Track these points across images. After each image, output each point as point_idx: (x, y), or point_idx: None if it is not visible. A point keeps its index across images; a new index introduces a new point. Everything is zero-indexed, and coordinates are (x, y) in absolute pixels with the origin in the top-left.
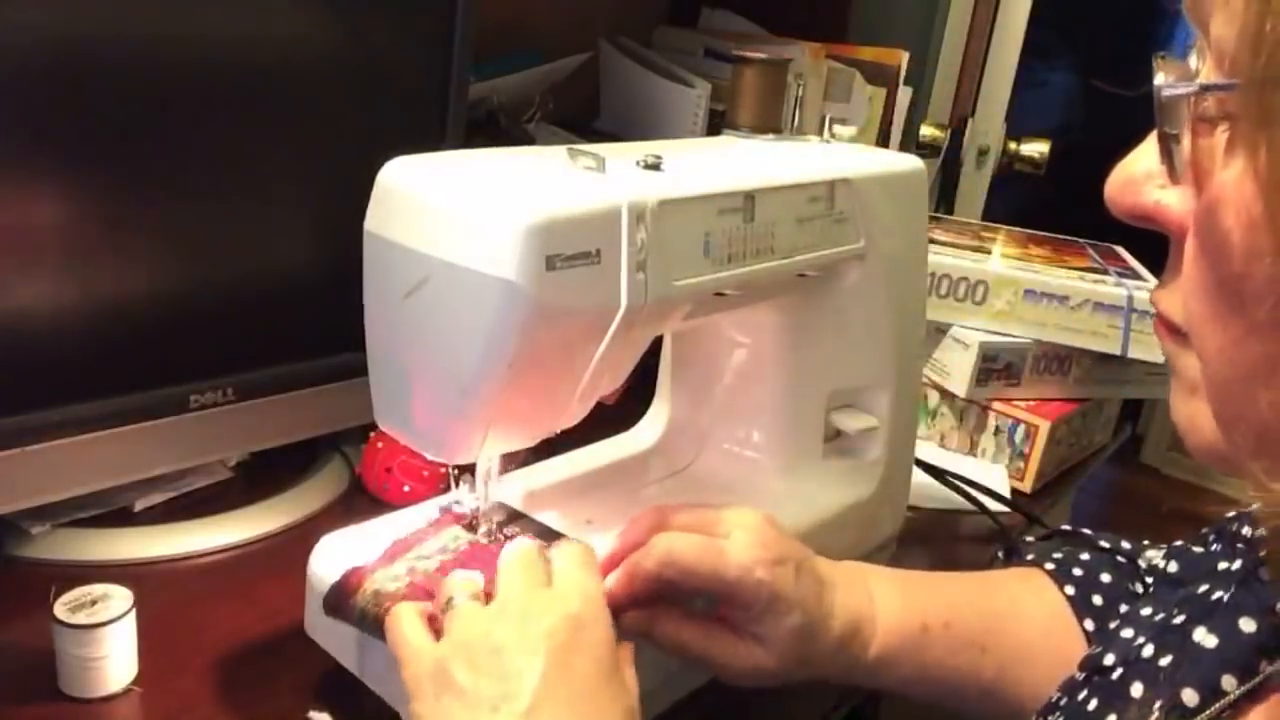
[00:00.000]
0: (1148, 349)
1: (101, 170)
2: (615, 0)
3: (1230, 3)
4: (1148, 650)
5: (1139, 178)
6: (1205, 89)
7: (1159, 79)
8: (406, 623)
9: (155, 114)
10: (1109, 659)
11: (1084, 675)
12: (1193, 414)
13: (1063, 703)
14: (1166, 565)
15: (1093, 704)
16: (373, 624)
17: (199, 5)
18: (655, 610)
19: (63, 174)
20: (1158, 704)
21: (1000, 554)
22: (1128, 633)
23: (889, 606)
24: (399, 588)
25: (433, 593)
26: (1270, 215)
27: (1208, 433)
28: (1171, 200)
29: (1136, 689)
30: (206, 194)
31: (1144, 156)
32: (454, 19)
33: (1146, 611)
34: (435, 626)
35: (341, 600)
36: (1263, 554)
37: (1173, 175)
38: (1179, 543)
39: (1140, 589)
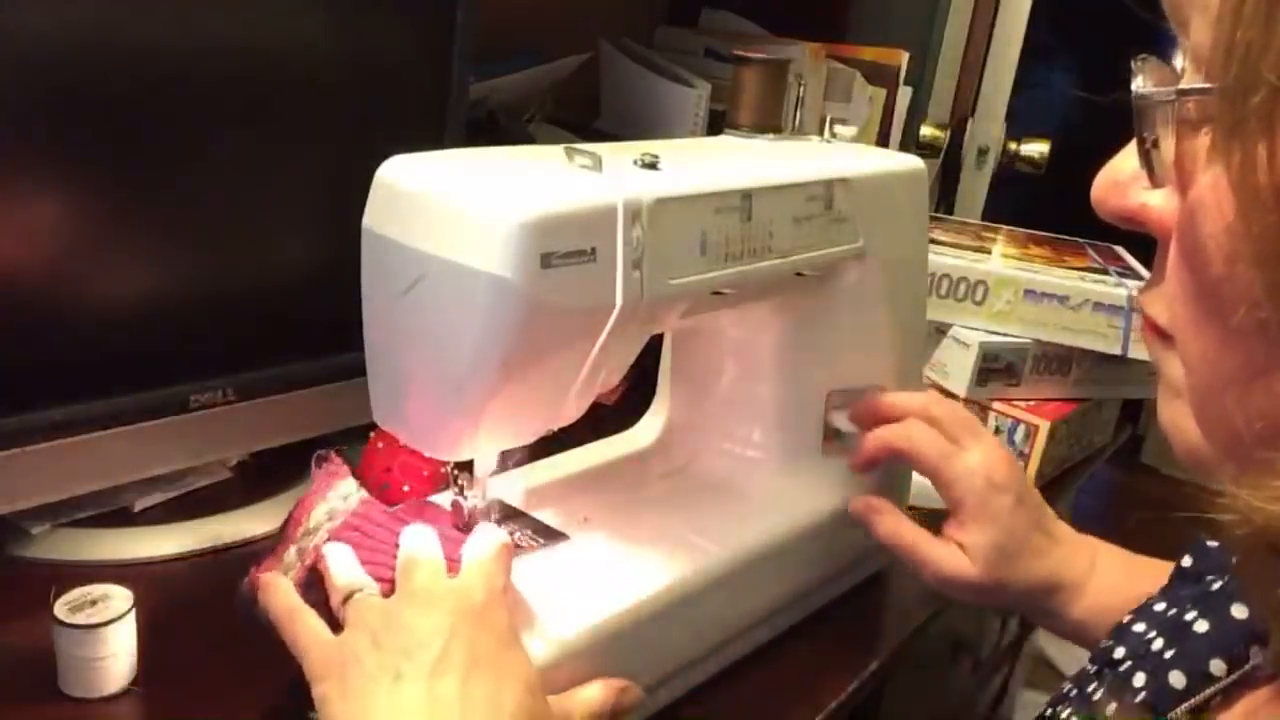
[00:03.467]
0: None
1: (101, 170)
2: (615, 0)
3: (1208, 7)
4: (1157, 644)
5: (1124, 179)
6: (1183, 94)
7: (1137, 83)
8: (305, 618)
9: (155, 114)
10: (1119, 652)
11: (1095, 668)
12: (1176, 417)
13: (1073, 694)
14: (1183, 559)
15: (1099, 695)
16: None
17: (199, 5)
18: (883, 510)
19: (62, 174)
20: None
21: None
22: (1139, 627)
23: (1108, 579)
24: (292, 577)
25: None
26: (1245, 223)
27: (1191, 436)
28: (1156, 202)
29: (1139, 679)
30: (207, 193)
31: (1130, 158)
32: (454, 19)
33: (1160, 607)
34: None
35: (250, 602)
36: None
37: (1153, 179)
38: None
39: None
